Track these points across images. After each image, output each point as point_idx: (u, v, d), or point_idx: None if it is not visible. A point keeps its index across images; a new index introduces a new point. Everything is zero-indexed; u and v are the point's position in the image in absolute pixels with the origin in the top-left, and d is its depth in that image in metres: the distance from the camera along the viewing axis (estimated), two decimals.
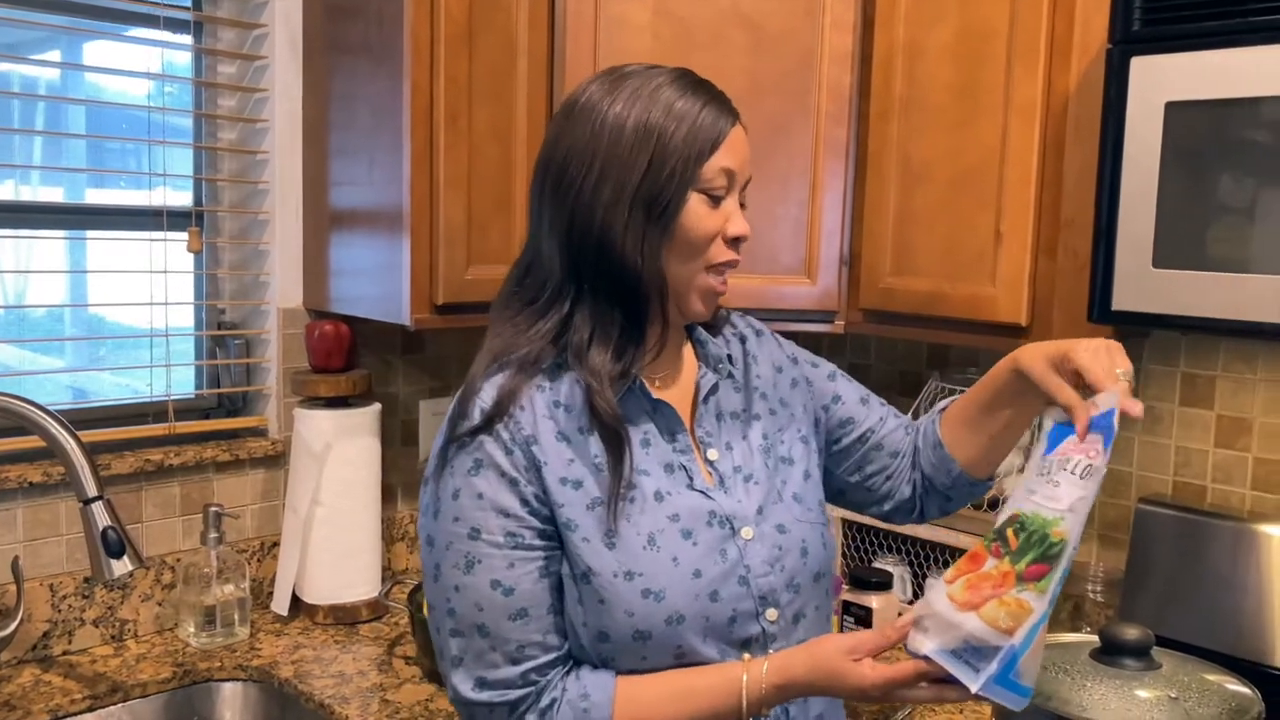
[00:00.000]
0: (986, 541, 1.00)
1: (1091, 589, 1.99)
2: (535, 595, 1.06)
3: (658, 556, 1.07)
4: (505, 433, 1.06)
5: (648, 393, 1.12)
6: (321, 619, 2.01)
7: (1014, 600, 0.97)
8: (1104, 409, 1.03)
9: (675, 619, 1.06)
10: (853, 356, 2.42)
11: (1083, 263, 1.65)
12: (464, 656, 1.06)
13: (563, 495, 1.07)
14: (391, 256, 1.85)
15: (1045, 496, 1.00)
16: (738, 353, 1.25)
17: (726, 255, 1.10)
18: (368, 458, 2.05)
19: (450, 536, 1.06)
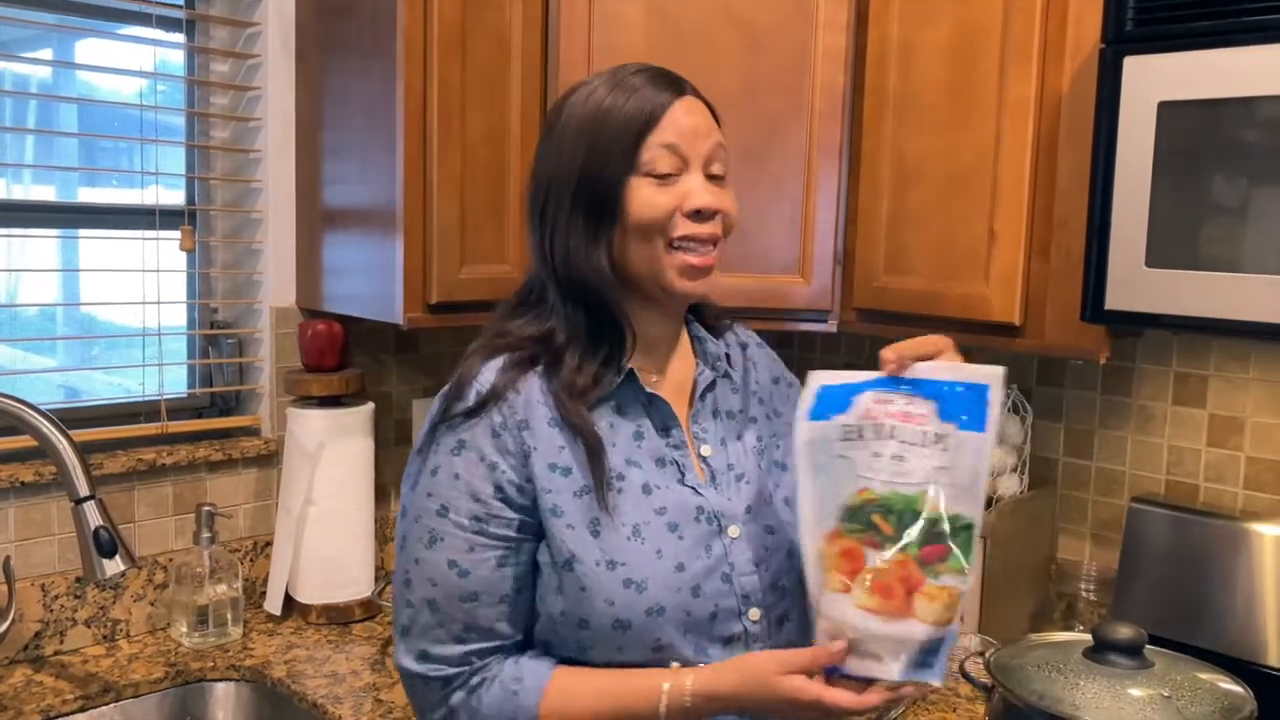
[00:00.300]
0: (852, 534, 0.99)
1: (1084, 588, 2.01)
2: (490, 582, 1.07)
3: (641, 548, 1.07)
4: (497, 416, 1.07)
5: (641, 386, 1.13)
6: (314, 619, 2.01)
7: (941, 590, 0.97)
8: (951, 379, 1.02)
9: (655, 610, 1.06)
10: (847, 356, 2.42)
11: (1075, 262, 1.65)
12: (412, 627, 1.08)
13: (551, 481, 1.07)
14: (384, 256, 1.85)
15: (893, 473, 0.99)
16: (737, 356, 1.25)
17: (686, 228, 1.09)
18: (361, 457, 2.05)
19: (420, 510, 1.07)
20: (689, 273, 1.10)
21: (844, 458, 1.01)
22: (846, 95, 1.91)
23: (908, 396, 1.01)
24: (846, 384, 1.04)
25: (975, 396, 1.00)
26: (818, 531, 1.02)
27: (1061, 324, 1.69)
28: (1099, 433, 2.05)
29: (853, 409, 1.01)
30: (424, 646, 1.08)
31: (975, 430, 0.99)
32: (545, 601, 1.09)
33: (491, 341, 1.12)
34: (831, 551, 1.00)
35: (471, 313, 1.87)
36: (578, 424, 1.07)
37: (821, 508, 1.02)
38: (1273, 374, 1.86)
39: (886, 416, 1.01)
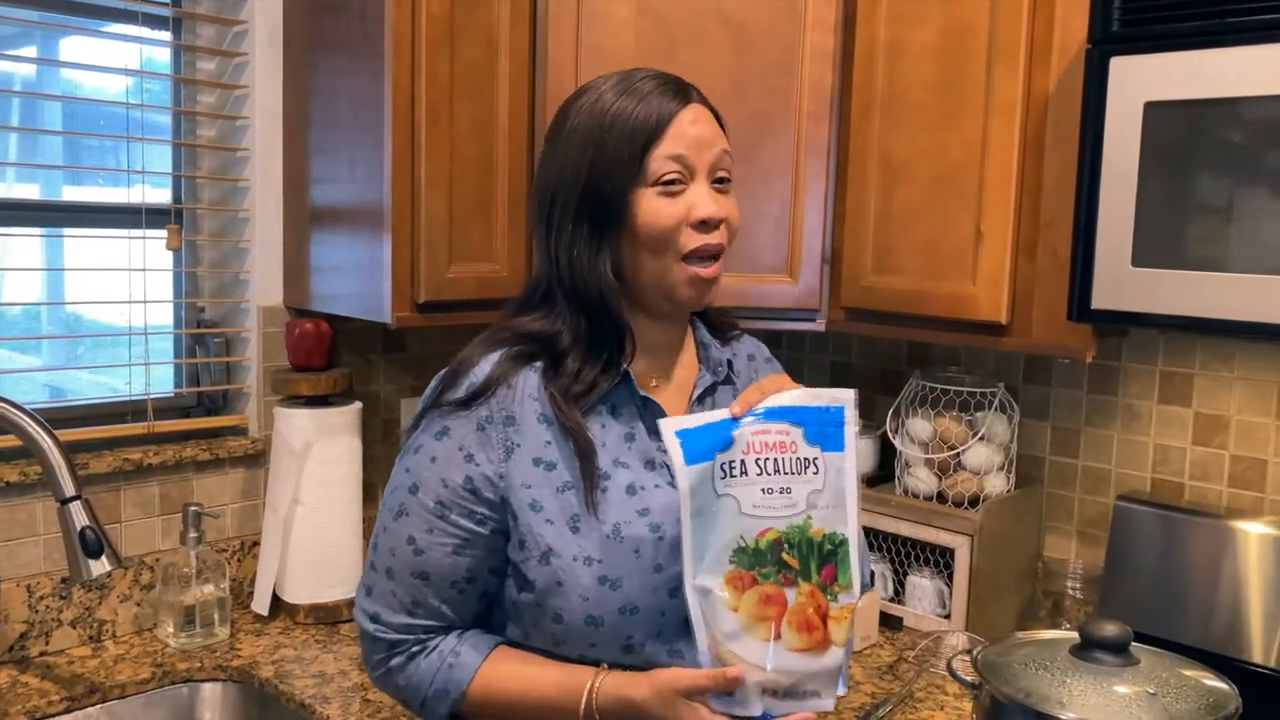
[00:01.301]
0: (769, 579, 1.00)
1: (1071, 586, 2.02)
2: (441, 565, 1.09)
3: (620, 547, 1.07)
4: (485, 409, 1.08)
5: (636, 390, 1.13)
6: (302, 619, 2.00)
7: (843, 611, 1.01)
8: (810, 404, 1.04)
9: (629, 609, 1.07)
10: (834, 355, 2.42)
11: (1062, 262, 1.66)
12: (372, 588, 1.13)
13: (532, 476, 1.08)
14: (372, 254, 1.84)
15: (785, 506, 1.01)
16: (743, 366, 1.26)
17: (697, 241, 1.09)
18: (348, 456, 2.04)
19: (398, 483, 1.11)
20: (697, 285, 1.11)
21: (727, 496, 1.01)
22: (835, 95, 1.91)
23: (779, 425, 1.03)
24: (707, 424, 1.03)
25: (833, 418, 1.04)
26: (707, 576, 1.01)
27: (1048, 323, 1.70)
28: (1085, 431, 2.06)
29: (733, 444, 1.02)
30: (377, 609, 1.12)
31: (837, 450, 1.04)
32: (520, 595, 1.10)
33: (495, 334, 1.14)
34: (748, 601, 1.00)
35: (460, 311, 1.86)
36: (571, 427, 1.08)
37: (708, 551, 1.01)
38: (1257, 373, 1.86)
39: (766, 449, 1.02)
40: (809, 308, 1.95)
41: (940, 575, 2.05)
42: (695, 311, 1.22)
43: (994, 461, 2.02)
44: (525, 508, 1.08)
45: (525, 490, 1.08)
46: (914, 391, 2.10)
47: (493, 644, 1.12)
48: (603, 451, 1.10)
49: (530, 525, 1.08)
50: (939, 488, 2.05)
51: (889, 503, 2.08)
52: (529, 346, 1.12)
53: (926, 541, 2.04)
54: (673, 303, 1.12)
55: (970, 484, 2.01)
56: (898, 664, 1.91)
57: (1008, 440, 2.04)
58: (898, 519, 2.06)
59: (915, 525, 2.04)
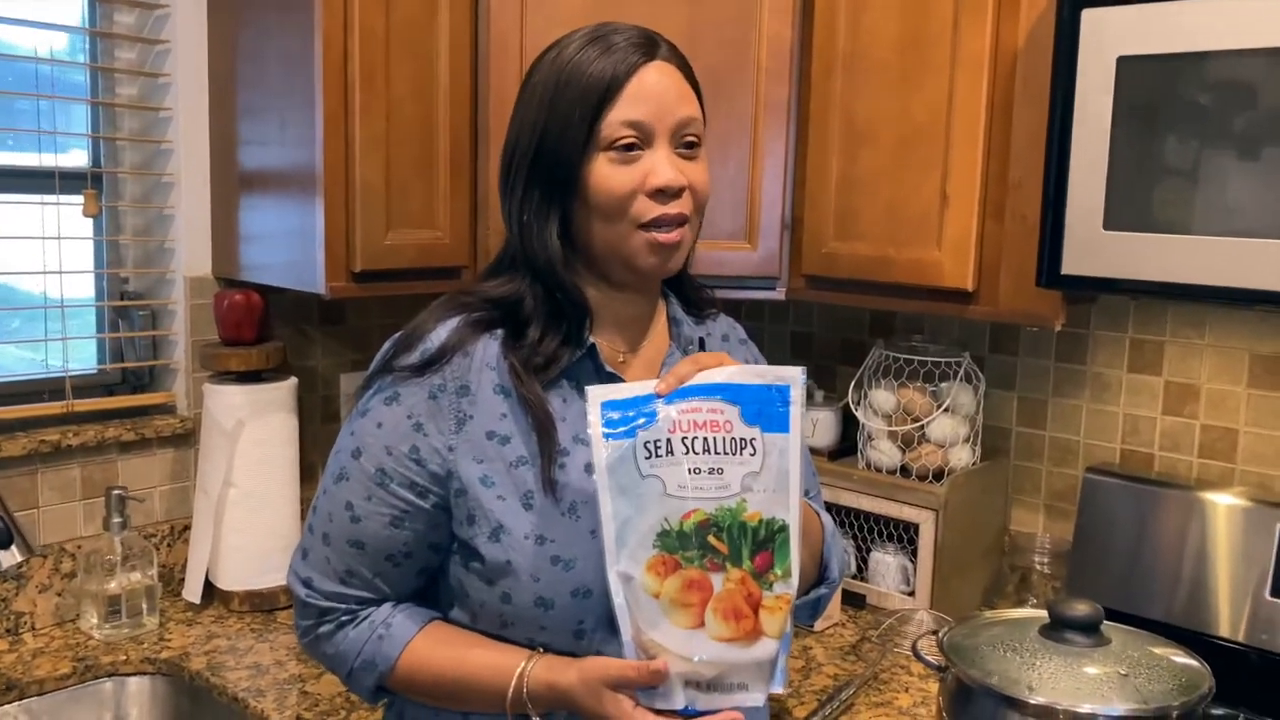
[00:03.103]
0: (693, 563, 0.98)
1: (1039, 560, 2.02)
2: (377, 536, 1.09)
3: (575, 526, 1.06)
4: (438, 378, 1.07)
5: (601, 364, 1.11)
6: (237, 606, 1.98)
7: (778, 601, 0.99)
8: (751, 382, 1.02)
9: (582, 592, 1.06)
10: (795, 324, 2.41)
11: (1031, 226, 1.65)
12: (308, 552, 1.14)
13: (485, 450, 1.07)
14: (305, 221, 1.80)
15: (715, 488, 0.99)
16: (715, 346, 1.24)
17: (654, 211, 1.06)
18: (284, 435, 2.01)
19: (342, 445, 1.12)
20: (656, 250, 1.08)
21: (652, 477, 0.99)
22: (794, 51, 1.87)
23: (711, 403, 1.01)
24: (635, 396, 1.01)
25: (777, 397, 1.02)
26: (629, 561, 0.99)
27: (1016, 290, 1.69)
28: (1053, 401, 2.05)
29: (658, 422, 0.99)
30: (311, 574, 1.12)
31: (780, 431, 1.01)
32: (468, 574, 1.09)
33: (456, 298, 1.13)
34: (671, 586, 0.98)
35: (399, 281, 1.83)
36: (530, 400, 1.07)
37: (631, 534, 0.99)
38: (1227, 340, 1.86)
39: (695, 427, 1.00)
40: (768, 275, 1.93)
41: (904, 551, 2.04)
42: (670, 285, 1.20)
43: (959, 433, 2.02)
44: (475, 482, 1.07)
45: (476, 465, 1.07)
46: (877, 361, 2.09)
47: (427, 618, 1.12)
48: (562, 427, 1.08)
49: (480, 500, 1.06)
50: (902, 461, 2.04)
51: (851, 477, 2.07)
52: (490, 313, 1.11)
53: (890, 517, 2.03)
54: (634, 271, 1.09)
55: (935, 457, 2.01)
56: (861, 644, 1.91)
57: (973, 411, 2.04)
58: (860, 493, 2.05)
59: (878, 500, 2.03)
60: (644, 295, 1.16)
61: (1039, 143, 1.61)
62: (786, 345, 2.42)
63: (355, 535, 1.09)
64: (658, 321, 1.19)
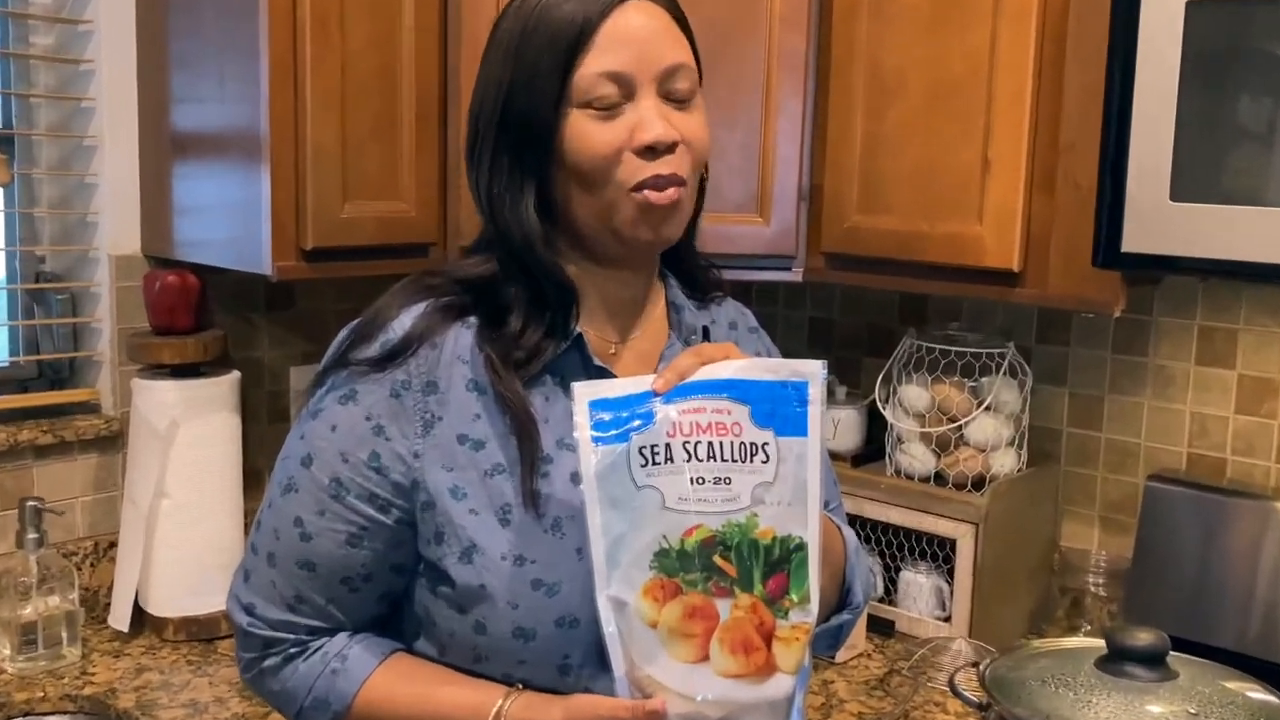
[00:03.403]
0: (695, 587, 0.98)
1: (1093, 581, 2.03)
2: (331, 557, 1.09)
3: (559, 544, 1.06)
4: (402, 373, 1.07)
5: (589, 357, 1.11)
6: (171, 635, 1.97)
7: (794, 631, 0.99)
8: (763, 377, 1.02)
9: (568, 621, 1.05)
10: (813, 309, 2.41)
11: (1086, 196, 1.65)
12: (250, 574, 1.13)
13: (456, 456, 1.07)
14: (248, 191, 1.80)
15: (721, 500, 0.99)
16: (721, 336, 1.24)
17: (645, 172, 1.05)
18: (225, 437, 2.01)
19: (289, 451, 1.11)
20: (649, 215, 1.07)
21: (648, 488, 0.98)
22: None
23: (717, 402, 1.00)
24: (629, 394, 1.00)
25: (793, 395, 1.01)
26: (622, 585, 0.98)
27: (1068, 270, 1.70)
28: (1110, 399, 2.06)
29: (655, 424, 0.99)
30: (254, 599, 1.12)
31: (797, 435, 1.01)
32: (436, 599, 1.09)
33: (422, 279, 1.13)
34: (670, 614, 0.97)
35: (357, 260, 1.84)
36: (509, 399, 1.07)
37: (624, 554, 0.98)
38: None
39: (699, 430, 0.99)
40: (783, 253, 1.94)
41: (939, 571, 2.05)
42: (669, 263, 1.20)
43: (1002, 435, 2.02)
44: (444, 494, 1.07)
45: (445, 473, 1.07)
46: (908, 353, 2.09)
47: (388, 650, 1.12)
48: (545, 430, 1.08)
49: (450, 515, 1.07)
50: (937, 467, 2.04)
51: (878, 485, 2.07)
52: (462, 297, 1.11)
53: (922, 531, 2.03)
54: (625, 243, 1.09)
55: (974, 462, 2.01)
56: (889, 677, 1.91)
57: (1018, 410, 2.03)
58: (888, 505, 2.05)
59: (909, 512, 2.04)
60: (638, 275, 1.16)
61: (1095, 99, 1.61)
62: (804, 334, 2.42)
63: (305, 555, 1.09)
64: (655, 307, 1.19)
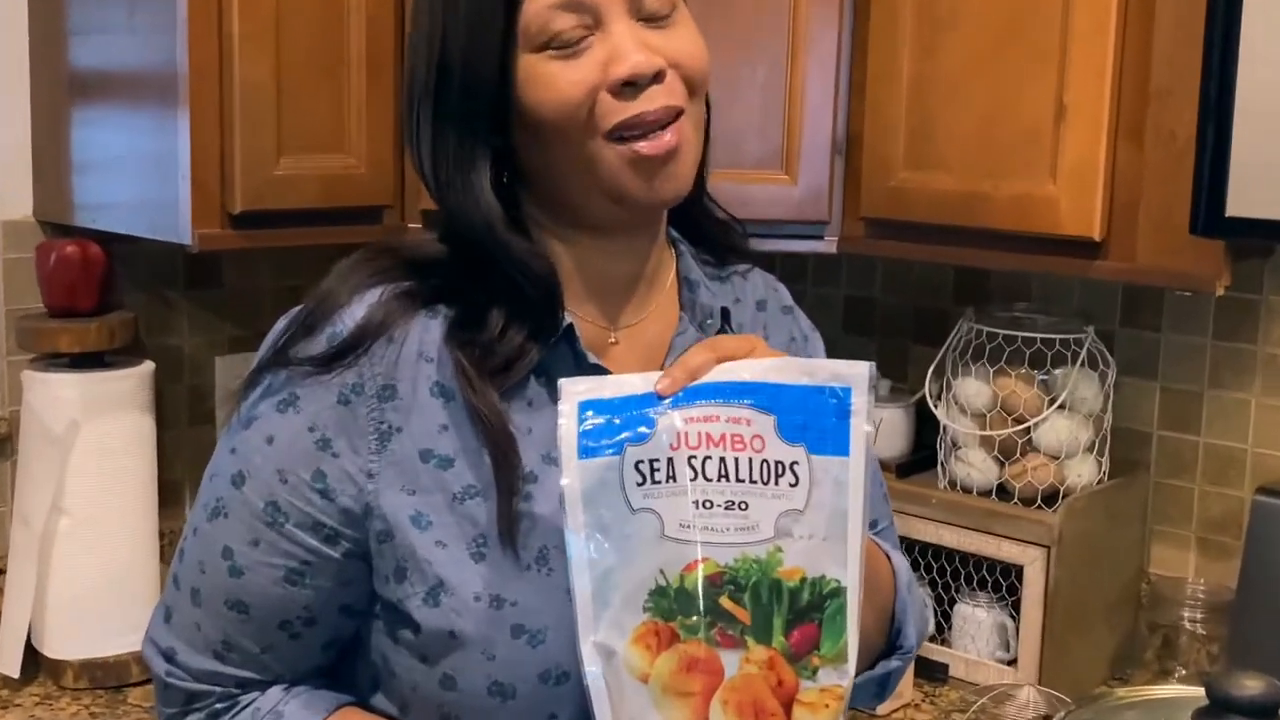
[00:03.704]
0: (696, 634, 0.96)
1: (1188, 616, 2.02)
2: (266, 597, 1.09)
3: (545, 581, 1.06)
4: (353, 375, 1.07)
5: (581, 352, 1.11)
6: (71, 682, 1.96)
7: (823, 696, 0.96)
8: (796, 381, 1.00)
9: (555, 676, 1.05)
10: (850, 287, 2.41)
11: (1183, 149, 1.65)
12: (172, 613, 1.13)
13: (418, 476, 1.07)
14: (162, 143, 1.80)
15: (735, 528, 0.98)
16: (747, 317, 1.24)
17: (625, 112, 1.04)
18: (136, 442, 2.00)
19: (217, 468, 1.11)
20: (642, 170, 1.05)
21: (645, 511, 0.97)
22: None
23: (734, 409, 0.99)
24: (627, 396, 0.99)
25: (832, 405, 0.99)
26: (611, 630, 0.97)
27: (1160, 239, 1.70)
28: (1210, 395, 2.06)
29: (656, 434, 0.98)
30: (175, 644, 1.12)
31: (835, 454, 0.99)
32: (396, 648, 1.09)
33: (377, 256, 1.12)
34: (663, 667, 0.96)
35: (296, 227, 1.84)
36: (485, 417, 1.06)
37: (613, 592, 0.97)
38: None
39: (710, 443, 0.98)
40: (814, 219, 1.94)
41: (1002, 604, 2.04)
42: (678, 224, 1.20)
43: (1079, 440, 2.00)
44: (404, 522, 1.06)
45: (406, 497, 1.06)
46: (965, 339, 2.08)
47: (332, 705, 1.12)
48: (527, 444, 1.08)
49: (413, 547, 1.06)
50: (1000, 478, 2.04)
51: (928, 501, 2.07)
52: (427, 281, 1.10)
53: (982, 556, 2.03)
54: (622, 203, 1.07)
55: (1045, 472, 2.00)
56: None
57: (1098, 409, 2.02)
58: (941, 524, 2.05)
59: (966, 533, 2.03)
60: (640, 244, 1.15)
61: (1194, 33, 1.60)
62: (837, 316, 2.42)
63: (236, 594, 1.09)
64: (662, 284, 1.19)
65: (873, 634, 1.14)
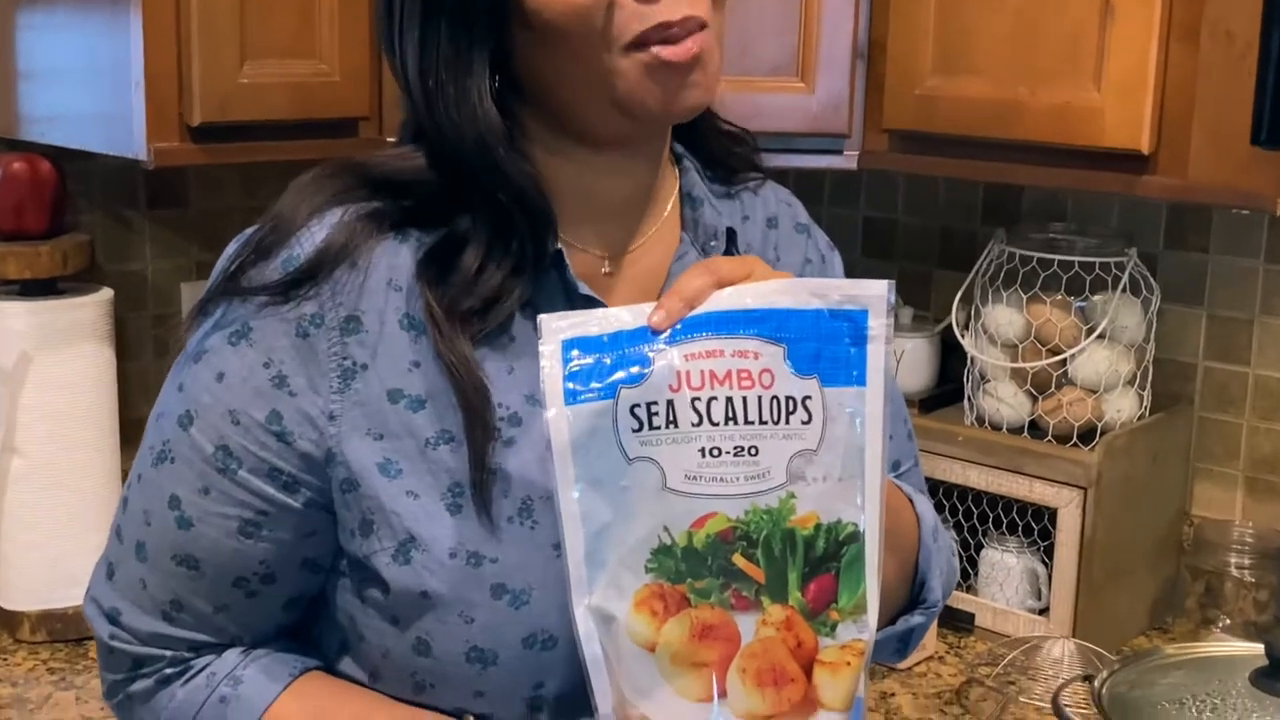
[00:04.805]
0: (708, 598, 0.96)
1: (1235, 562, 1.99)
2: (218, 552, 1.07)
3: (530, 537, 1.05)
4: (312, 305, 1.05)
5: (572, 282, 1.09)
6: (27, 635, 1.97)
7: (844, 653, 0.97)
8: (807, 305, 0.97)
9: (541, 640, 1.04)
10: (870, 207, 2.41)
11: (1243, 51, 1.62)
12: (115, 569, 1.12)
13: (385, 418, 1.06)
14: (115, 48, 1.79)
15: (745, 477, 0.96)
16: (755, 235, 1.23)
17: (646, 21, 1.00)
18: (94, 376, 1.99)
19: (164, 406, 1.10)
20: (662, 78, 1.03)
21: (644, 461, 0.96)
22: None
23: (739, 341, 0.97)
24: (618, 331, 0.97)
25: (847, 329, 0.98)
26: (609, 592, 0.96)
27: (1216, 152, 1.68)
28: (1261, 323, 2.05)
29: (654, 373, 0.96)
30: (119, 604, 1.11)
31: (851, 385, 0.98)
32: (364, 609, 1.08)
33: (340, 173, 1.10)
34: (673, 634, 0.95)
35: (262, 140, 1.82)
36: (454, 367, 1.05)
37: (610, 551, 0.96)
38: None
39: (714, 382, 0.96)
40: (832, 131, 1.93)
41: (1033, 549, 2.04)
42: (682, 138, 1.18)
43: (1119, 372, 1.99)
44: (371, 470, 1.05)
45: (372, 442, 1.05)
46: (995, 263, 2.06)
47: (295, 669, 1.11)
48: (508, 384, 1.07)
49: (380, 498, 1.05)
50: (1033, 414, 2.02)
51: (954, 438, 2.06)
52: (393, 203, 1.08)
53: (1013, 498, 2.02)
54: (634, 117, 1.05)
55: (1082, 407, 1.98)
56: (967, 689, 1.89)
57: (1141, 338, 2.01)
58: (968, 464, 2.04)
59: (995, 473, 2.01)
60: (644, 161, 1.13)
61: None
62: (856, 238, 2.42)
63: (185, 548, 1.07)
64: (665, 204, 1.17)
65: (895, 585, 1.15)
